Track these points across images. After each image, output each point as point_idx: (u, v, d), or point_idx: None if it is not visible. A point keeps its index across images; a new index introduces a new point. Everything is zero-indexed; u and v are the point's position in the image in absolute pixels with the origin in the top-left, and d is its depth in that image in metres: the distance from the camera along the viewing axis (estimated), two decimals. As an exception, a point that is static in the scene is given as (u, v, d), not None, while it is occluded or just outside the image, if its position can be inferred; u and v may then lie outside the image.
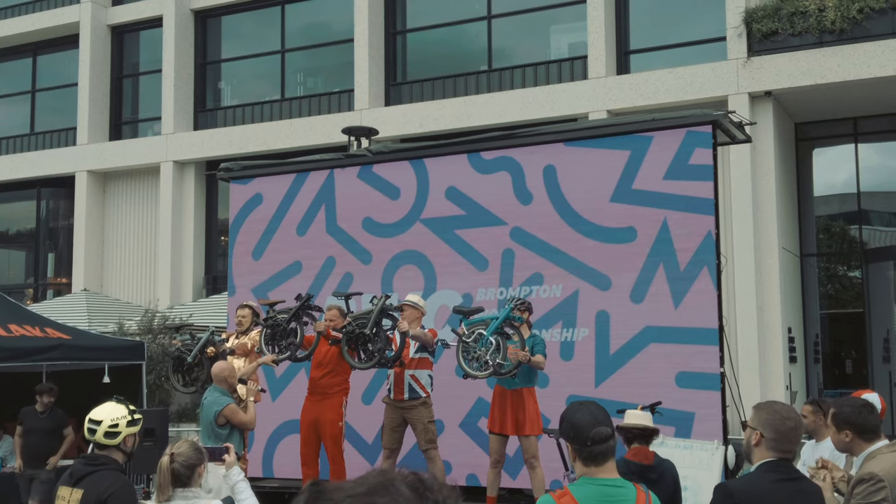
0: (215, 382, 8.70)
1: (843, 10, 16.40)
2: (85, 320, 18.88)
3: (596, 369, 10.05)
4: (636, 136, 10.20)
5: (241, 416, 8.57)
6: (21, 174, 24.65)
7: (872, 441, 4.66)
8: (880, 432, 4.74)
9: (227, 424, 8.48)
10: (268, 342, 9.62)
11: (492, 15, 20.46)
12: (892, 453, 4.52)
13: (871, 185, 18.78)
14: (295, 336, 9.53)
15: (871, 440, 4.66)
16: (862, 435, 4.66)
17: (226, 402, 8.51)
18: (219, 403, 8.50)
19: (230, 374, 8.76)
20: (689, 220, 9.75)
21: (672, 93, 17.49)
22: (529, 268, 10.51)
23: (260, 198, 12.25)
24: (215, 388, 8.66)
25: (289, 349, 9.53)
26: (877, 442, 4.66)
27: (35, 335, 11.62)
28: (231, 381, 8.76)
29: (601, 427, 3.73)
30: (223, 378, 8.67)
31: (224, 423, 8.47)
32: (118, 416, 5.03)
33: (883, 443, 4.66)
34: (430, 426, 9.34)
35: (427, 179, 11.22)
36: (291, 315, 9.58)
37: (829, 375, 18.88)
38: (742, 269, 16.56)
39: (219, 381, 8.66)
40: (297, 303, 9.69)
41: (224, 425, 8.47)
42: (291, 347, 9.51)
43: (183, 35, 23.15)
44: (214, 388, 8.67)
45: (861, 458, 4.67)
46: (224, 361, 9.13)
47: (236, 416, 8.52)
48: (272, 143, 21.24)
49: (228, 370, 8.79)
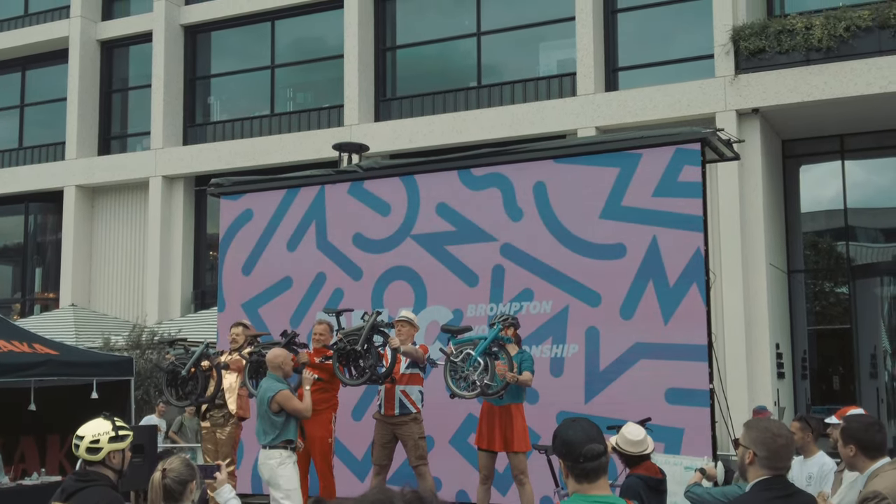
0: (270, 370, 8.57)
1: (830, 29, 16.54)
2: (72, 336, 18.79)
3: (586, 385, 10.07)
4: (625, 153, 10.26)
5: (294, 402, 8.40)
6: (9, 189, 24.59)
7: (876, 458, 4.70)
8: (885, 451, 4.78)
9: (281, 412, 8.32)
10: (251, 376, 9.61)
11: (481, 32, 20.55)
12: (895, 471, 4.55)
13: (857, 201, 18.90)
14: None
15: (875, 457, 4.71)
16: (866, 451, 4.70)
17: (279, 388, 8.35)
18: (272, 389, 8.34)
19: (285, 360, 8.64)
20: (678, 236, 9.80)
21: (660, 110, 17.60)
22: (519, 284, 10.54)
23: (250, 213, 12.26)
24: (271, 375, 8.53)
25: None
26: (880, 459, 4.70)
27: (23, 350, 11.54)
28: (286, 369, 8.62)
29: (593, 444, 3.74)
30: (277, 365, 8.53)
31: (279, 411, 8.31)
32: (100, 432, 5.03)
33: (886, 460, 4.70)
34: (420, 442, 9.33)
35: (417, 195, 11.25)
36: None
37: (816, 391, 18.94)
38: (730, 286, 16.62)
39: (274, 368, 8.53)
40: (283, 339, 9.65)
41: (279, 412, 8.32)
42: None
43: (173, 50, 23.17)
44: (270, 376, 8.53)
45: (865, 476, 4.71)
46: (280, 348, 8.99)
47: (290, 402, 8.35)
48: (262, 158, 21.26)
49: (283, 356, 8.66)
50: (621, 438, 6.26)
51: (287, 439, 8.43)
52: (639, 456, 6.21)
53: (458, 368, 8.79)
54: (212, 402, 10.03)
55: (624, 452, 6.18)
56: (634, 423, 6.47)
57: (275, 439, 8.39)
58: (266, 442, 8.44)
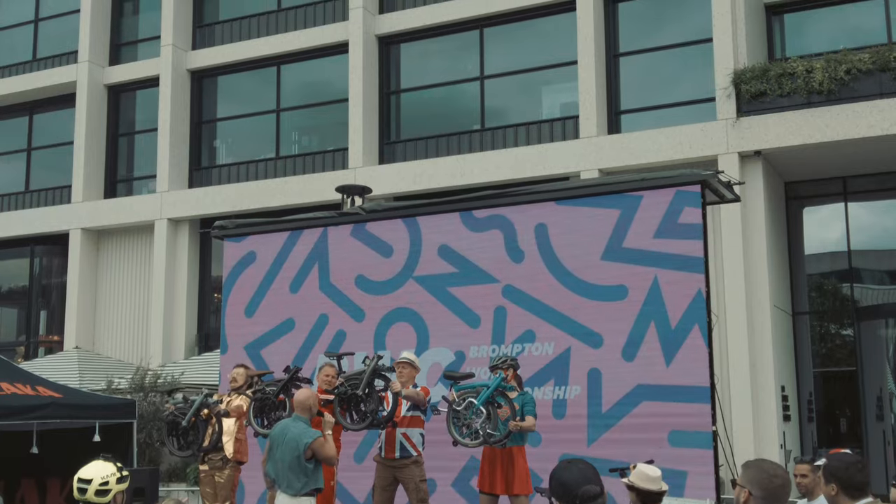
0: (298, 411, 8.19)
1: (831, 72, 16.65)
2: (76, 378, 18.79)
3: (588, 427, 10.03)
4: (626, 195, 10.30)
5: (328, 450, 8.05)
6: (15, 231, 24.71)
7: (857, 498, 4.64)
8: (866, 490, 4.73)
9: (313, 458, 7.97)
10: (256, 415, 9.57)
11: (484, 75, 20.73)
12: None
13: (861, 243, 18.90)
14: (284, 409, 9.43)
15: (857, 497, 4.65)
16: (846, 490, 4.65)
17: (315, 435, 7.97)
18: (308, 435, 7.94)
19: (315, 402, 8.33)
20: (679, 278, 9.81)
21: (662, 152, 17.68)
22: (521, 325, 10.53)
23: (253, 255, 12.31)
24: (298, 417, 8.16)
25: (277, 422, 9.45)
26: (862, 499, 4.65)
27: (26, 393, 11.56)
28: (314, 411, 8.29)
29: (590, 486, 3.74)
30: (308, 406, 8.18)
31: (311, 457, 7.96)
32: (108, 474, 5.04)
33: (868, 500, 4.65)
34: (421, 485, 9.28)
35: (420, 237, 11.29)
36: (280, 388, 9.51)
37: (823, 434, 18.81)
38: (735, 327, 16.58)
39: (302, 410, 8.16)
40: (286, 375, 9.62)
41: (310, 459, 7.96)
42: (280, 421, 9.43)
43: (179, 94, 23.38)
44: (298, 419, 8.17)
45: None
46: (308, 389, 8.72)
47: (324, 450, 7.99)
48: (266, 200, 21.36)
49: (314, 397, 8.35)
50: (639, 476, 6.11)
51: (316, 487, 8.07)
52: (657, 493, 6.11)
53: (462, 416, 8.78)
54: (213, 450, 10.02)
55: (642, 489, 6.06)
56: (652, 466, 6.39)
57: (303, 487, 7.98)
58: (295, 491, 7.97)
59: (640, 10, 19.60)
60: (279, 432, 8.21)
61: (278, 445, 8.10)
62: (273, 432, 8.34)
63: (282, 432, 8.16)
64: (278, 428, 8.31)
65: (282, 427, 8.27)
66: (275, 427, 8.45)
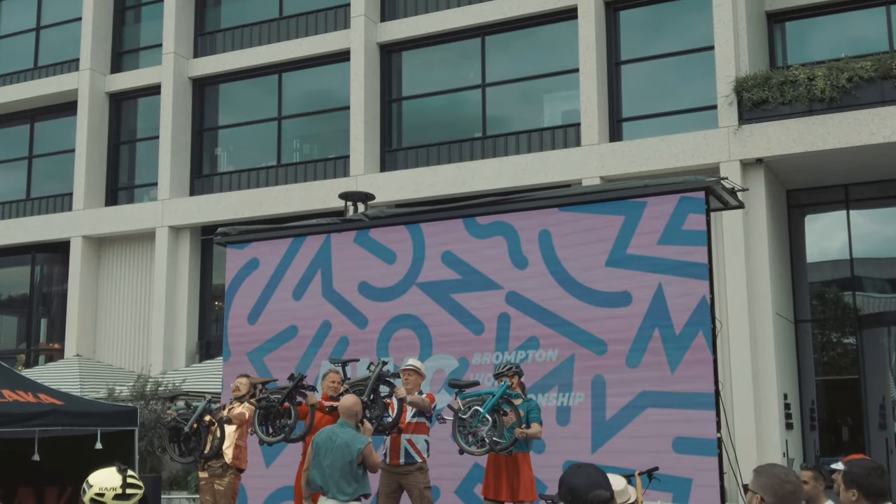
0: (344, 417, 8.16)
1: (833, 80, 16.67)
2: (77, 386, 18.74)
3: (592, 435, 9.99)
4: (630, 201, 10.29)
5: (376, 457, 8.18)
6: (16, 239, 24.69)
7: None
8: (887, 496, 4.73)
9: (362, 464, 7.97)
10: (261, 423, 9.52)
11: (486, 83, 20.74)
12: None
13: (863, 251, 18.89)
14: (289, 417, 9.40)
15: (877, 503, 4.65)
16: (867, 497, 4.66)
17: (366, 441, 8.00)
18: (360, 441, 7.97)
19: (360, 408, 8.36)
20: (683, 284, 9.79)
21: (664, 160, 17.68)
22: (525, 332, 10.51)
23: (256, 262, 12.29)
24: (345, 423, 8.14)
25: (282, 430, 9.42)
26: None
27: (28, 401, 11.51)
28: (360, 417, 8.30)
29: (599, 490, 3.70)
30: (354, 413, 8.19)
31: (361, 463, 7.95)
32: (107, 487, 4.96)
33: None
34: (426, 492, 9.24)
35: (423, 244, 11.27)
36: (285, 396, 9.46)
37: (825, 442, 18.78)
38: (737, 335, 16.56)
39: (348, 416, 8.15)
40: (290, 383, 9.58)
41: (360, 464, 7.95)
42: (286, 429, 9.40)
43: (180, 102, 23.38)
44: (345, 425, 8.15)
45: None
46: (353, 395, 8.65)
47: (373, 457, 8.08)
48: (268, 208, 21.35)
49: (359, 404, 8.35)
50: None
51: (365, 493, 8.07)
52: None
53: (467, 424, 8.76)
54: (215, 456, 9.98)
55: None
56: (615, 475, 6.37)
57: (354, 492, 7.98)
58: (346, 496, 7.94)
59: (641, 18, 19.62)
60: (326, 438, 8.12)
61: (327, 451, 8.03)
62: (318, 439, 8.24)
63: (329, 438, 8.09)
64: (324, 434, 8.21)
65: (328, 433, 8.18)
66: (319, 434, 8.33)
